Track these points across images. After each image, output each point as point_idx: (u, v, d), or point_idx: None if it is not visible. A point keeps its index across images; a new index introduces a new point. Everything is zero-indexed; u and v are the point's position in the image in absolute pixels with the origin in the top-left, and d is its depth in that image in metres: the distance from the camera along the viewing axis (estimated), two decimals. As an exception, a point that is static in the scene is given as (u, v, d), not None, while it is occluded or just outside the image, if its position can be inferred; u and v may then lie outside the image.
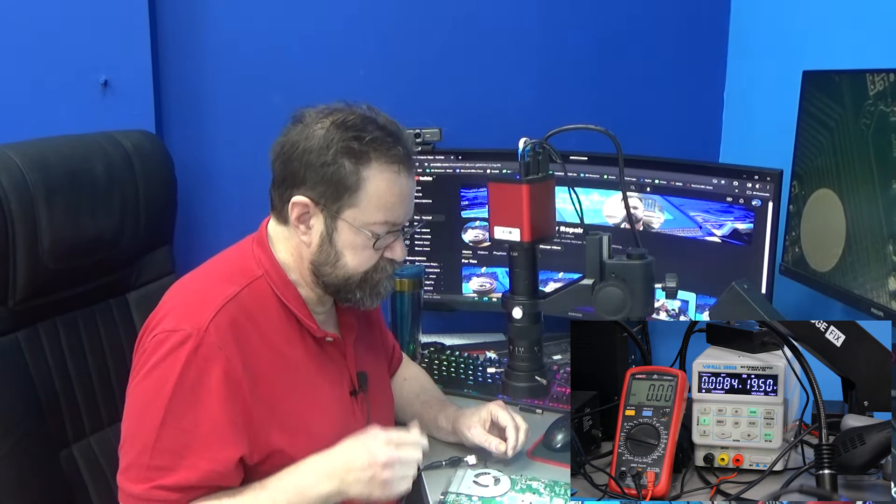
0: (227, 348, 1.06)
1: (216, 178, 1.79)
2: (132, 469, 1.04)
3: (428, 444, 1.17)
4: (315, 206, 1.12)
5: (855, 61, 1.35)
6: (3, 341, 1.20)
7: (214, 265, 1.19)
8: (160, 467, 1.03)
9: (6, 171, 1.18)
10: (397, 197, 1.13)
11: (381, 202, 1.11)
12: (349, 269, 1.15)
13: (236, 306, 1.10)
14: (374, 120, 1.14)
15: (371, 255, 1.15)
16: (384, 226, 1.13)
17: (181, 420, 1.04)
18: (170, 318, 1.08)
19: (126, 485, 1.05)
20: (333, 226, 1.13)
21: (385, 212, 1.12)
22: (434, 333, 1.86)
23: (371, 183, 1.11)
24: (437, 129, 1.72)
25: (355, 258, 1.14)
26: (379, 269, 1.17)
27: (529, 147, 1.12)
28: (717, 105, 1.96)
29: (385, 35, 1.81)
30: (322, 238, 1.14)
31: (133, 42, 1.65)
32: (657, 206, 1.61)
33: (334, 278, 1.15)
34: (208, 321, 1.06)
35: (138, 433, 1.05)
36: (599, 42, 1.89)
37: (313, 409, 1.16)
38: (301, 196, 1.12)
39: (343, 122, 1.11)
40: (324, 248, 1.14)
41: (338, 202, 1.11)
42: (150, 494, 1.03)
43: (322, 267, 1.15)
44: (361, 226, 1.12)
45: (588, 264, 1.11)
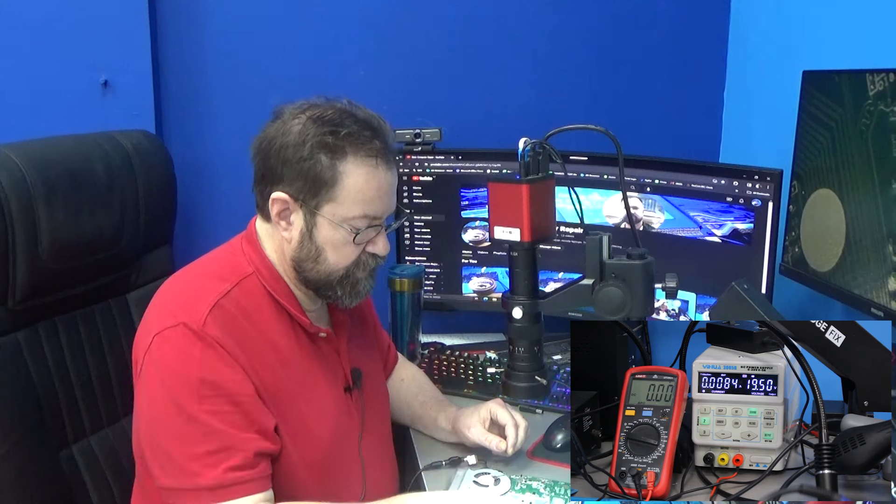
0: (227, 342, 1.07)
1: (216, 178, 1.79)
2: (190, 464, 1.03)
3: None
4: (294, 202, 1.12)
5: (855, 61, 1.35)
6: (3, 341, 1.20)
7: (205, 264, 1.19)
8: (218, 450, 1.03)
9: (6, 171, 1.18)
10: (376, 191, 1.12)
11: (359, 196, 1.11)
12: (330, 265, 1.14)
13: (230, 302, 1.10)
14: (353, 114, 1.13)
15: (352, 250, 1.14)
16: (364, 220, 1.12)
17: (216, 402, 1.04)
18: (165, 316, 1.08)
19: (190, 481, 1.02)
20: (313, 221, 1.12)
21: (364, 205, 1.12)
22: (434, 333, 1.86)
23: (348, 177, 1.10)
24: (437, 129, 1.72)
25: (336, 254, 1.14)
26: (361, 264, 1.16)
27: (529, 147, 1.12)
28: (717, 105, 1.96)
29: (385, 35, 1.81)
30: (302, 234, 1.13)
31: (133, 42, 1.65)
32: (657, 206, 1.61)
33: (315, 274, 1.15)
34: (205, 315, 1.06)
35: (181, 430, 1.04)
36: (599, 42, 1.89)
37: (310, 404, 1.16)
38: (280, 192, 1.12)
39: (320, 116, 1.11)
40: (304, 245, 1.14)
41: (316, 197, 1.11)
42: (227, 478, 1.02)
43: (303, 263, 1.15)
44: (341, 221, 1.11)
45: (588, 264, 1.11)
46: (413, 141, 1.73)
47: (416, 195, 1.77)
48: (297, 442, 1.12)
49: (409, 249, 1.80)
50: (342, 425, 1.20)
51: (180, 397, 1.04)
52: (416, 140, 1.73)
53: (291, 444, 1.12)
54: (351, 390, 1.24)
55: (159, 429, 1.06)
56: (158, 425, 1.06)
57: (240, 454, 1.03)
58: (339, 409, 1.21)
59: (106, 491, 1.31)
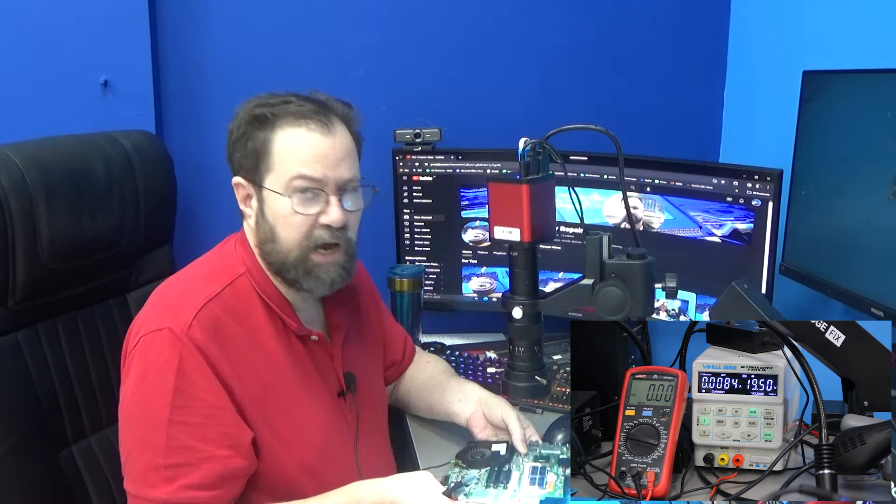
0: (210, 347, 1.06)
1: (216, 178, 1.78)
2: (149, 474, 1.02)
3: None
4: (247, 184, 1.14)
5: (855, 61, 1.35)
6: (3, 341, 1.20)
7: (199, 265, 1.19)
8: (179, 465, 1.01)
9: (6, 171, 1.18)
10: (309, 151, 1.10)
11: (291, 157, 1.10)
12: (283, 241, 1.12)
13: (218, 305, 1.09)
14: (299, 95, 1.14)
15: (300, 221, 1.10)
16: (301, 181, 1.09)
17: (188, 413, 1.03)
18: (152, 319, 1.08)
19: (146, 491, 1.01)
20: (261, 198, 1.13)
21: (297, 165, 1.09)
22: (434, 333, 1.86)
23: (278, 143, 1.11)
24: (437, 129, 1.72)
25: (286, 228, 1.11)
26: (314, 239, 1.12)
27: (529, 147, 1.12)
28: (717, 105, 1.96)
29: (385, 35, 1.81)
30: (258, 215, 1.14)
31: (133, 42, 1.65)
32: (657, 206, 1.61)
33: (276, 256, 1.13)
34: (190, 319, 1.06)
35: (147, 437, 1.03)
36: (599, 42, 1.89)
37: (300, 408, 1.15)
38: (236, 177, 1.14)
39: (259, 97, 1.14)
40: (261, 226, 1.14)
41: (257, 171, 1.12)
42: (180, 496, 1.00)
43: (265, 246, 1.14)
44: (281, 190, 1.10)
45: (588, 264, 1.11)
46: (413, 141, 1.73)
47: (416, 195, 1.77)
48: (288, 446, 1.12)
49: (409, 249, 1.80)
50: (335, 429, 1.20)
51: (152, 404, 1.03)
52: (416, 140, 1.73)
53: (282, 447, 1.11)
54: (344, 395, 1.23)
55: (128, 432, 1.06)
56: (128, 428, 1.06)
57: (199, 473, 1.01)
58: (332, 413, 1.20)
59: (106, 491, 1.31)
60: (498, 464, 1.19)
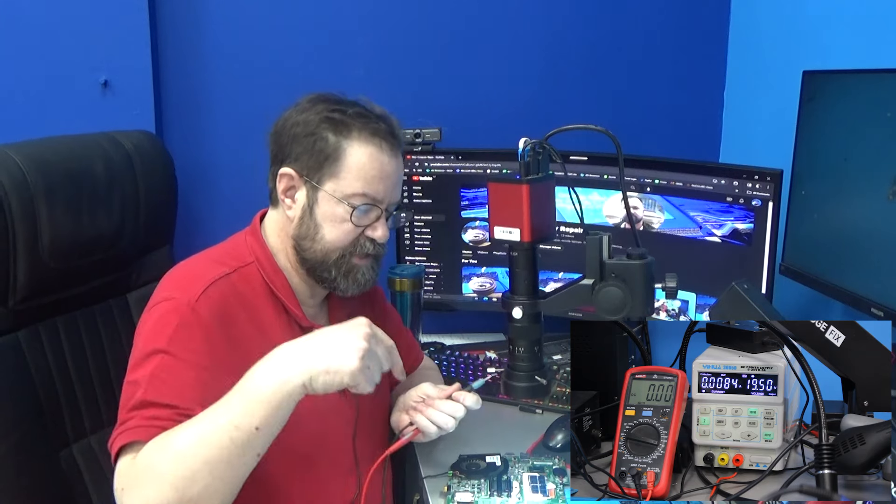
0: (212, 327, 1.08)
1: (216, 178, 1.79)
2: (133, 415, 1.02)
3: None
4: (299, 178, 1.16)
5: (855, 61, 1.35)
6: (3, 341, 1.20)
7: (210, 252, 1.22)
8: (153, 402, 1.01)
9: (6, 171, 1.18)
10: (378, 171, 1.15)
11: (360, 174, 1.14)
12: (327, 242, 1.16)
13: (227, 285, 1.13)
14: (363, 104, 1.19)
15: (349, 229, 1.16)
16: (362, 198, 1.15)
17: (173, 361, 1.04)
18: (164, 292, 1.11)
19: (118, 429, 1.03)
20: (314, 197, 1.16)
21: (364, 184, 1.14)
22: (434, 333, 1.86)
23: (351, 154, 1.14)
24: (437, 129, 1.73)
25: (333, 231, 1.16)
26: (358, 247, 1.18)
27: (529, 147, 1.12)
28: (717, 105, 1.96)
29: (385, 35, 1.81)
30: (304, 210, 1.17)
31: (133, 42, 1.65)
32: (657, 206, 1.61)
33: (313, 253, 1.17)
34: (198, 294, 1.09)
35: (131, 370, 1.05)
36: (599, 42, 1.89)
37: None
38: (287, 168, 1.16)
39: (331, 98, 1.18)
40: (304, 221, 1.17)
41: (319, 172, 1.15)
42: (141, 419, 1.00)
43: (303, 241, 1.17)
44: (341, 197, 1.14)
45: (588, 264, 1.11)
46: (413, 141, 1.72)
47: (416, 195, 1.77)
48: (282, 430, 1.11)
49: (409, 249, 1.80)
50: (332, 421, 1.20)
51: (147, 344, 1.05)
52: (416, 140, 1.73)
53: None
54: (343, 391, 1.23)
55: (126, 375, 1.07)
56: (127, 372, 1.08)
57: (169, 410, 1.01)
58: (331, 408, 1.20)
59: (106, 491, 1.30)
60: (495, 474, 1.22)
